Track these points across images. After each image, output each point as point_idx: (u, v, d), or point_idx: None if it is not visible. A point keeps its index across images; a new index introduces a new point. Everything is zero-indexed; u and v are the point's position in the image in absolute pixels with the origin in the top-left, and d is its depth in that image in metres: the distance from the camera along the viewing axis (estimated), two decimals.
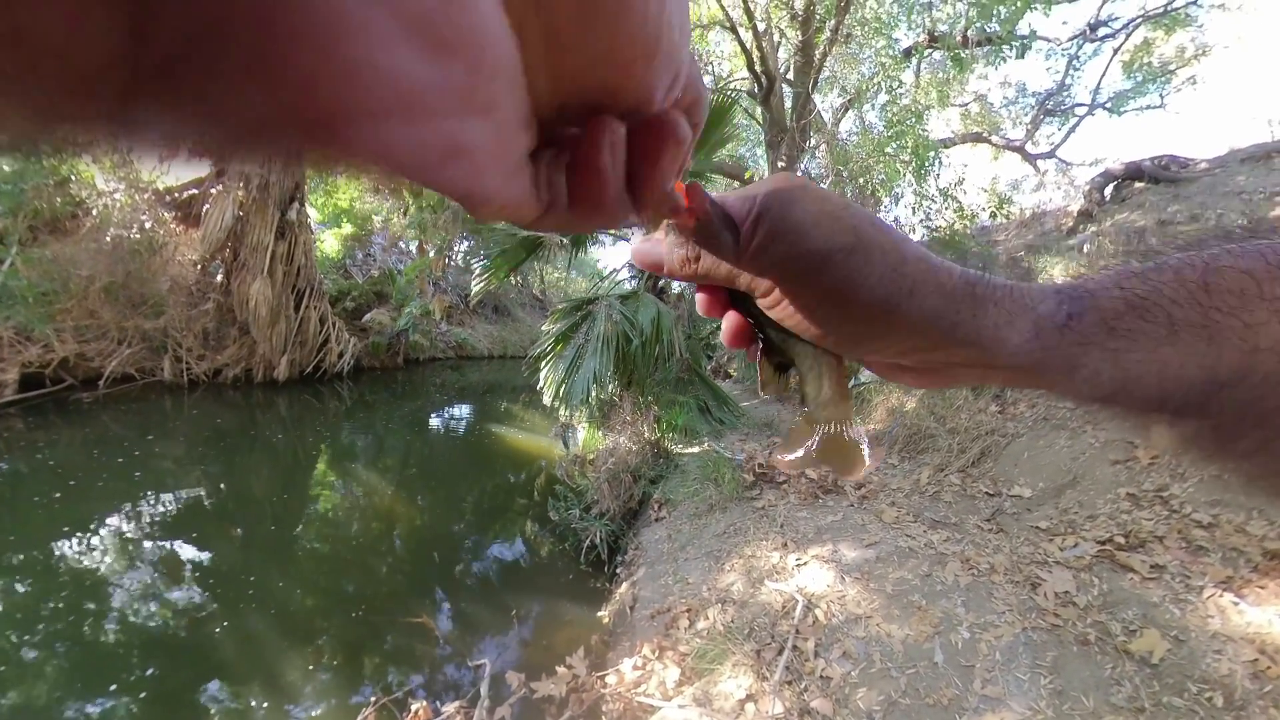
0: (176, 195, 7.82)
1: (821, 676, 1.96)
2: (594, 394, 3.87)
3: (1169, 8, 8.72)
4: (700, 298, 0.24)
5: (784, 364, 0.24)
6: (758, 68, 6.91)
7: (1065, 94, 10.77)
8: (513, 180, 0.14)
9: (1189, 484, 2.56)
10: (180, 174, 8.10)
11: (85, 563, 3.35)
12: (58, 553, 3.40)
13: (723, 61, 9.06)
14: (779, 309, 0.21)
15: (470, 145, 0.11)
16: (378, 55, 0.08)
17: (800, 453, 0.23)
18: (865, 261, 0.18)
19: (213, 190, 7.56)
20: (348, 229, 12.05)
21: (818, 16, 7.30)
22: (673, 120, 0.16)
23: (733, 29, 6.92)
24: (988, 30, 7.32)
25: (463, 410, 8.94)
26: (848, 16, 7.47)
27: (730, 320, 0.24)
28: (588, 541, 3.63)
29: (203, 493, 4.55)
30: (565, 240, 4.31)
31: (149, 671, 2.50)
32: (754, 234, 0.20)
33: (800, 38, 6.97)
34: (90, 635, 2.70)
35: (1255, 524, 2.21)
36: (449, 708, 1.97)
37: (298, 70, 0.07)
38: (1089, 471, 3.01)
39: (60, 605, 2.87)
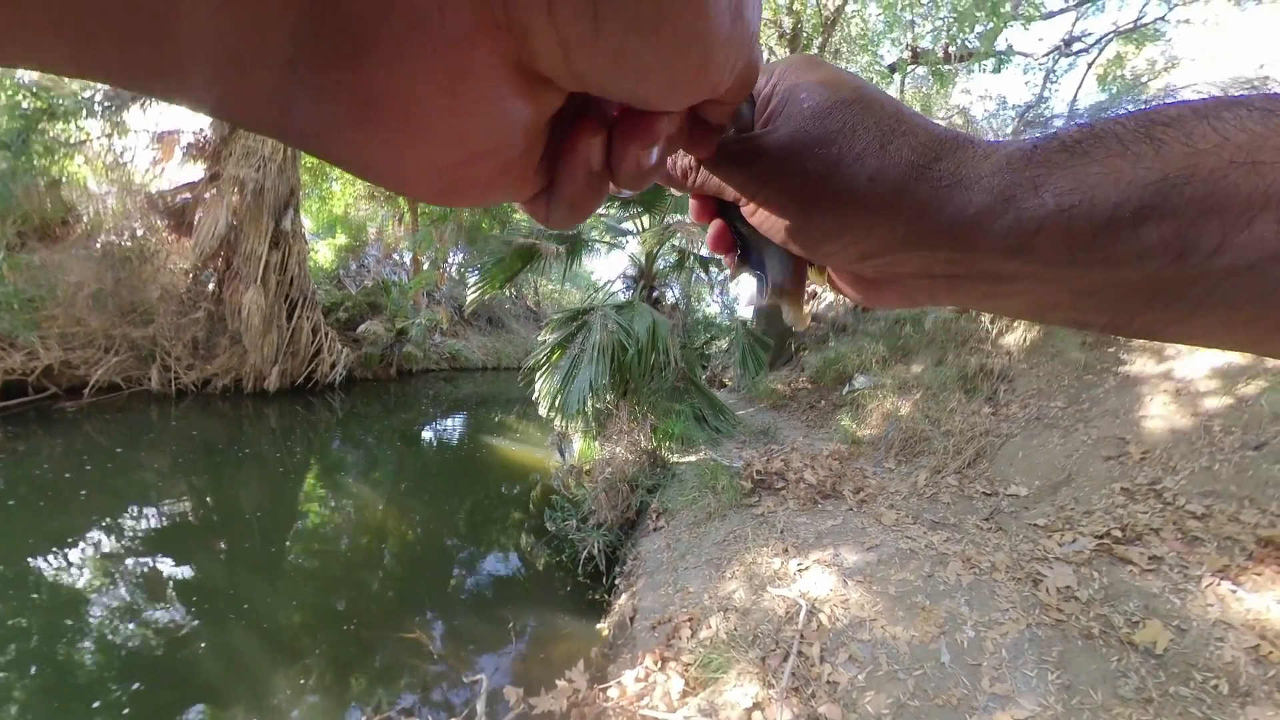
0: (169, 202, 7.76)
1: (828, 681, 1.93)
2: (590, 403, 3.84)
3: (1139, 23, 9.11)
4: (694, 204, 0.29)
5: (755, 265, 0.28)
6: None
7: (1044, 106, 11.13)
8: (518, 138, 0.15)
9: (1181, 476, 2.59)
10: (172, 179, 7.93)
11: (64, 578, 3.23)
12: (35, 568, 3.28)
13: None
14: (758, 215, 0.24)
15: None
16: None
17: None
18: (864, 110, 0.22)
19: (206, 196, 7.52)
20: (341, 239, 12.02)
21: (805, 34, 7.54)
22: (638, 123, 0.17)
23: None
24: (968, 45, 7.58)
25: (456, 422, 8.84)
26: (834, 34, 7.72)
27: (715, 226, 0.29)
28: (585, 552, 3.58)
29: (188, 506, 4.43)
30: (560, 250, 4.32)
31: (133, 688, 2.40)
32: (770, 99, 0.23)
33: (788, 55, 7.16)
34: (69, 654, 2.60)
35: (1248, 512, 2.25)
36: None
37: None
38: (1083, 468, 3.04)
39: (37, 622, 2.76)
